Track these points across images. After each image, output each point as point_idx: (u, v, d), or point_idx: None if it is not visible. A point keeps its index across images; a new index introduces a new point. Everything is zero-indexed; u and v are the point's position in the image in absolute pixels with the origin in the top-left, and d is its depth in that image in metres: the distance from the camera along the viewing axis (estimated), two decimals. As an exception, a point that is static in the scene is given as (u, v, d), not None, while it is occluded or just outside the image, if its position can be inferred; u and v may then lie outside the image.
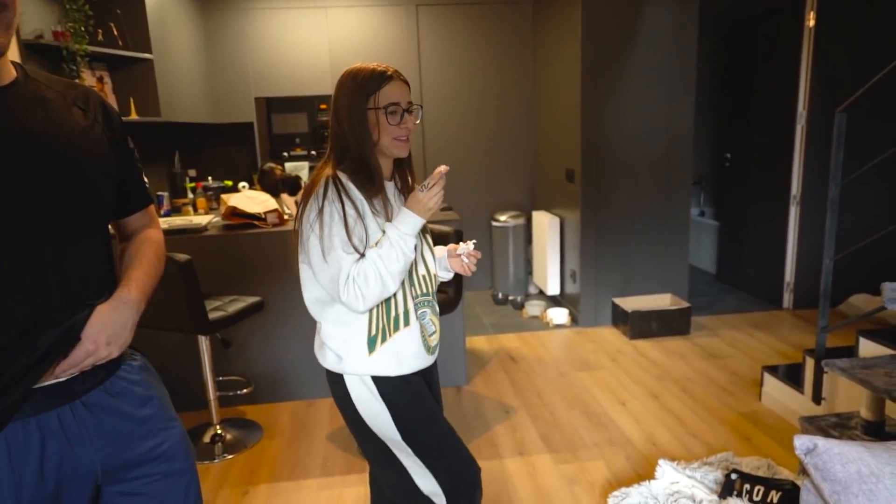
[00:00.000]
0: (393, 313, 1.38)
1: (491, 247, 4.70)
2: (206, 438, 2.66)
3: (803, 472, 1.95)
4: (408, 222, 1.31)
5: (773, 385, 2.86)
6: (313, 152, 4.75)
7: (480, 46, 4.70)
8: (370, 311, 1.36)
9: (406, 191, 1.47)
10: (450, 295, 2.65)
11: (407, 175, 1.48)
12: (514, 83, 4.78)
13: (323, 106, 4.68)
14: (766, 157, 4.40)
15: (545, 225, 4.35)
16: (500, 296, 4.71)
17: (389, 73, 1.34)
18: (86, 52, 2.91)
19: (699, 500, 2.08)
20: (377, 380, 1.38)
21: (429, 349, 1.47)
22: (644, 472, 2.34)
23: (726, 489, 2.09)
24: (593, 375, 3.30)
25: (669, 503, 2.08)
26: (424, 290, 1.45)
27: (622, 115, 3.87)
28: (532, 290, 4.83)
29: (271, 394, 3.08)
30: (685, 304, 3.93)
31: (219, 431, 2.68)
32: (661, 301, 4.04)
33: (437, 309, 1.51)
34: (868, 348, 2.43)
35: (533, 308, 4.36)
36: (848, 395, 2.43)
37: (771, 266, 4.37)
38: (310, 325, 1.55)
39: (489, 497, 2.22)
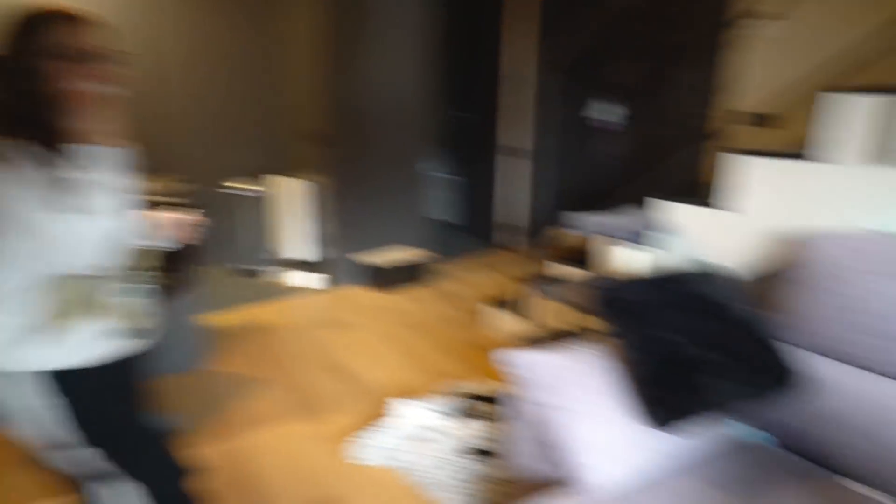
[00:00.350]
0: (79, 292, 1.13)
1: (232, 217, 4.34)
2: None
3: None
4: None
5: (494, 314, 3.22)
6: None
7: (215, 3, 4.18)
8: (52, 291, 1.11)
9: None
10: (182, 272, 2.34)
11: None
12: (255, 44, 4.37)
13: None
14: (483, 114, 4.84)
15: (291, 190, 4.16)
16: (245, 267, 4.41)
17: (63, 11, 1.09)
18: None
19: (437, 427, 2.23)
20: (59, 374, 1.13)
21: (129, 333, 1.25)
22: (379, 412, 2.43)
23: (460, 413, 2.28)
24: (343, 334, 3.31)
25: (411, 437, 2.19)
26: (126, 263, 1.23)
27: (365, 77, 3.84)
28: (280, 257, 4.62)
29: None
30: (427, 255, 4.16)
31: None
32: (406, 254, 4.22)
33: (150, 284, 1.29)
34: (564, 271, 2.86)
35: (280, 276, 4.18)
36: (553, 314, 2.84)
37: (492, 211, 4.90)
38: None
39: (238, 479, 2.07)
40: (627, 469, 1.41)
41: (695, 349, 1.51)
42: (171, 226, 1.37)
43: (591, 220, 2.39)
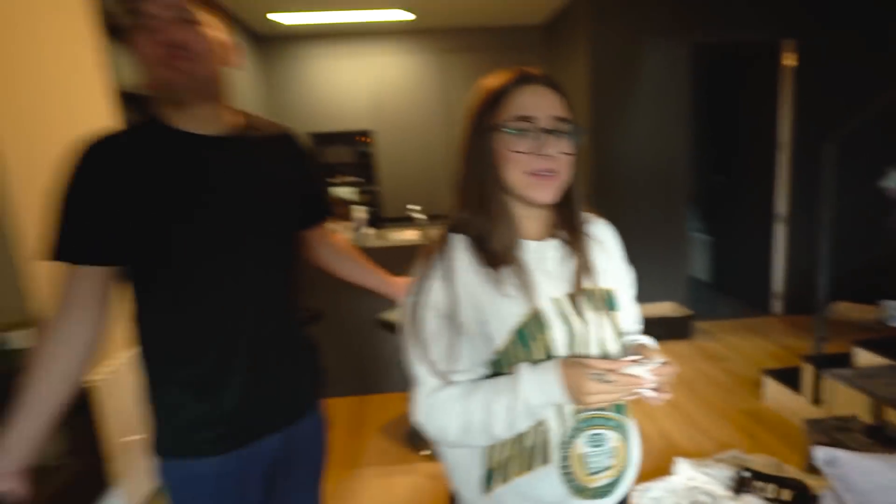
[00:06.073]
0: (528, 442, 0.79)
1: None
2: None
3: (816, 474, 1.86)
4: (547, 392, 0.73)
5: (772, 386, 2.76)
6: (359, 179, 4.87)
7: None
8: None
9: (579, 254, 0.86)
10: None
11: (580, 232, 0.89)
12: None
13: (363, 139, 4.72)
14: (752, 180, 4.28)
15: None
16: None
17: (521, 74, 0.80)
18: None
19: (716, 495, 2.00)
20: None
21: (585, 492, 0.80)
22: (659, 466, 2.26)
23: (740, 486, 2.00)
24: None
25: (688, 498, 2.00)
26: None
27: (626, 143, 3.80)
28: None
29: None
30: (687, 311, 3.82)
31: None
32: (665, 308, 3.94)
33: (626, 427, 0.86)
34: (864, 357, 2.33)
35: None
36: (844, 399, 2.33)
37: (760, 276, 4.24)
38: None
39: None
40: None
41: None
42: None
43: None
